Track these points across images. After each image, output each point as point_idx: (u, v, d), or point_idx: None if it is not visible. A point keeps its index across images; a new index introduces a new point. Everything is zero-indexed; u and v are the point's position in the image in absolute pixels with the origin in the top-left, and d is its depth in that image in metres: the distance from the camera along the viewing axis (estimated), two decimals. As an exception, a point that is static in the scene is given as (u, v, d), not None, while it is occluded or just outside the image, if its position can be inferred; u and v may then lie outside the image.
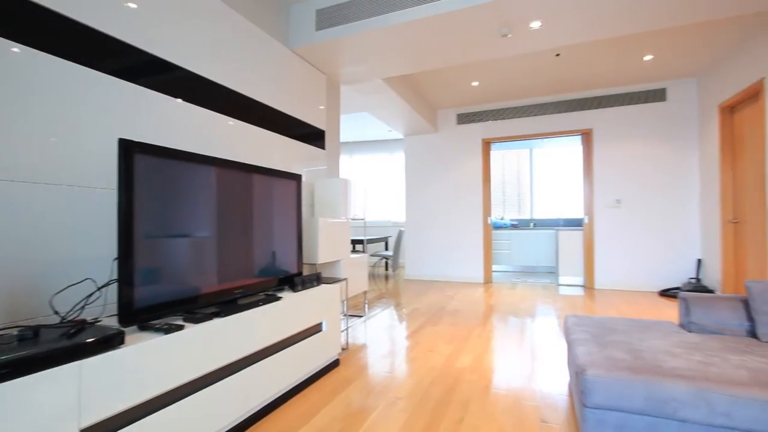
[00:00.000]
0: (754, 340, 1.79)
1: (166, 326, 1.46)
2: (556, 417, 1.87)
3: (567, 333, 2.02)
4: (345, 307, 3.19)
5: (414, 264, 6.33)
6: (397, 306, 4.37)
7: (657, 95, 4.99)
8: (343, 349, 2.90)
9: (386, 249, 7.53)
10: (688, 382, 1.34)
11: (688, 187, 4.89)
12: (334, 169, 3.74)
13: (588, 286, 5.35)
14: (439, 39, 3.05)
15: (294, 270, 2.37)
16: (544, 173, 7.52)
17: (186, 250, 1.65)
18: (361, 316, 3.90)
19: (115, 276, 1.63)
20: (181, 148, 2.04)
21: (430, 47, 3.19)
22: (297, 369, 2.13)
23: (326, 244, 2.87)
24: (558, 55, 4.15)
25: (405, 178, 6.40)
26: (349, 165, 8.54)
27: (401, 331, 3.39)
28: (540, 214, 7.53)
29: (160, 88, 1.94)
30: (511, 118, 5.73)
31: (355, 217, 3.48)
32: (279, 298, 2.05)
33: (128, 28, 1.80)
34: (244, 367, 1.76)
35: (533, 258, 7.02)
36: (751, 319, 1.87)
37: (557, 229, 5.67)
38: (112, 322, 1.49)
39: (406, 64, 3.53)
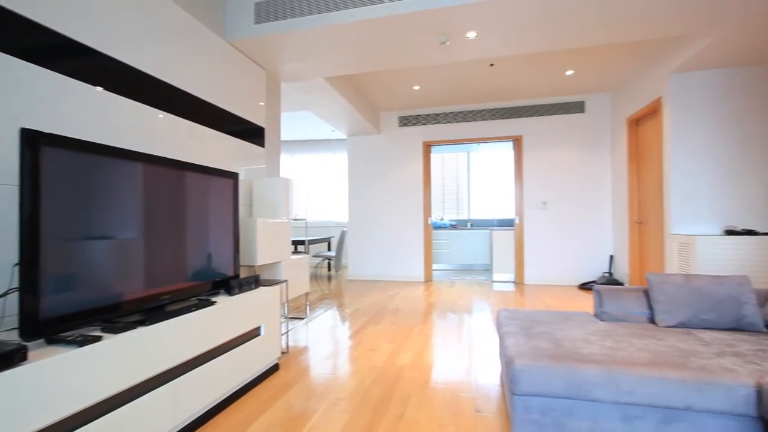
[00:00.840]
0: (653, 325, 2.05)
1: (80, 338, 1.32)
2: (489, 406, 1.99)
3: (499, 326, 2.15)
4: (285, 309, 3.11)
5: (357, 264, 6.34)
6: (340, 306, 4.35)
7: (577, 107, 5.50)
8: (283, 353, 2.82)
9: (329, 249, 7.46)
10: (600, 366, 1.50)
11: (602, 191, 5.44)
12: (274, 167, 3.64)
13: (519, 282, 5.74)
14: (380, 42, 3.10)
15: (230, 272, 2.27)
16: (480, 176, 7.93)
17: (106, 254, 1.51)
18: (302, 318, 3.83)
19: (16, 284, 1.44)
20: (101, 142, 1.86)
21: (371, 49, 3.23)
22: (233, 376, 2.04)
23: (266, 245, 2.78)
24: (492, 65, 4.40)
25: (348, 178, 6.40)
26: (290, 164, 8.34)
27: (344, 331, 3.38)
28: (476, 215, 7.92)
29: (76, 74, 1.75)
30: (451, 122, 5.97)
31: (297, 218, 3.41)
32: (212, 303, 1.95)
33: (35, 4, 1.60)
34: (173, 378, 1.65)
35: (470, 256, 7.37)
36: (650, 307, 2.13)
37: (492, 229, 6.02)
38: (13, 336, 1.31)
39: (347, 65, 3.54)
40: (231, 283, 2.18)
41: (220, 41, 2.81)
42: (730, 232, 3.41)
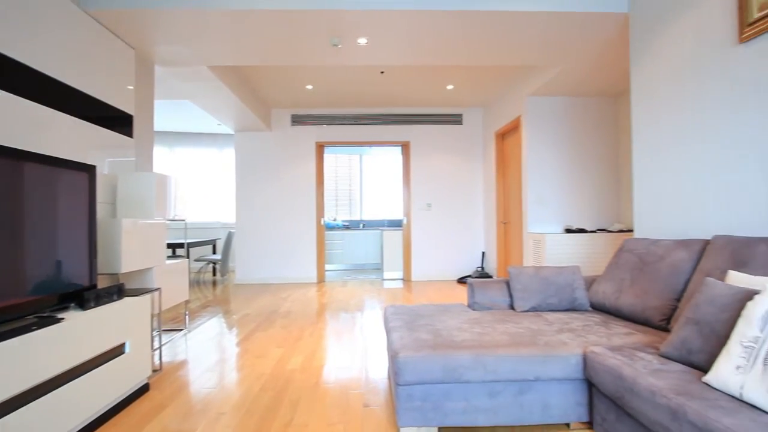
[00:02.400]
0: (513, 311, 2.39)
1: None
2: (377, 400, 2.08)
3: (386, 322, 2.27)
4: (158, 321, 2.78)
5: (245, 267, 5.98)
6: (226, 313, 4.05)
7: (456, 119, 6.10)
8: (155, 371, 2.52)
9: (214, 252, 6.88)
10: (470, 351, 1.70)
11: (475, 195, 6.13)
12: (146, 161, 3.22)
13: (407, 279, 6.10)
14: (270, 36, 2.99)
15: (85, 282, 1.94)
16: (372, 178, 8.20)
17: None
18: (181, 330, 3.46)
19: None
20: None
21: (260, 42, 3.10)
22: (88, 405, 1.74)
23: (133, 250, 2.44)
24: (383, 72, 4.60)
25: (235, 176, 5.99)
26: (168, 158, 7.45)
27: (230, 339, 3.17)
28: (369, 216, 8.18)
29: None
30: (344, 124, 6.05)
31: (176, 218, 3.08)
32: (59, 320, 1.64)
33: None
34: (2, 416, 1.34)
35: (363, 256, 7.57)
36: (511, 296, 2.48)
37: (382, 229, 6.29)
38: None
39: (234, 55, 3.33)
40: (85, 296, 1.86)
41: (72, 7, 2.37)
42: (568, 231, 4.16)
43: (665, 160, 2.46)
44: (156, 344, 2.85)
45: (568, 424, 1.79)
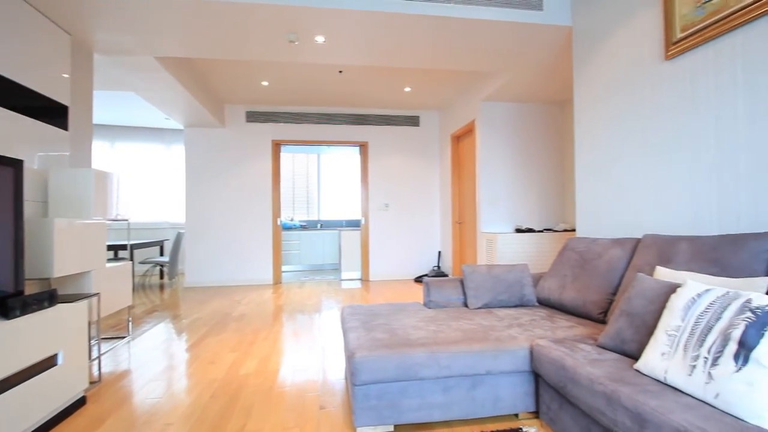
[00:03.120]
0: (466, 308, 2.47)
1: None
2: (333, 401, 2.07)
3: (343, 322, 2.26)
4: (97, 329, 2.58)
5: (196, 270, 5.71)
6: (174, 318, 3.85)
7: (414, 121, 6.20)
8: (93, 383, 2.34)
9: (161, 254, 6.50)
10: (425, 348, 1.73)
11: (432, 195, 6.27)
12: (83, 156, 2.99)
13: (365, 279, 6.11)
14: (223, 28, 2.88)
15: (9, 289, 1.76)
16: (330, 177, 8.13)
17: None
18: (124, 337, 3.24)
19: None
20: None
21: (210, 34, 2.98)
22: (13, 423, 1.58)
23: (68, 252, 2.25)
24: (341, 72, 4.58)
25: (185, 174, 5.70)
26: (109, 154, 6.93)
27: (178, 345, 3.01)
28: (326, 216, 8.10)
29: None
30: (301, 122, 5.95)
31: (118, 218, 2.88)
32: (-20, 331, 1.48)
33: None
34: None
35: (320, 257, 7.48)
36: (464, 293, 2.57)
37: (340, 230, 6.25)
38: None
39: (183, 47, 3.17)
40: (9, 303, 1.69)
41: (-4, -12, 2.15)
42: (518, 230, 4.37)
43: (603, 166, 2.65)
44: (94, 354, 2.65)
45: (516, 415, 1.88)
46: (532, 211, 4.72)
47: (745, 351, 1.10)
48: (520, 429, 1.73)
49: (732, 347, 1.12)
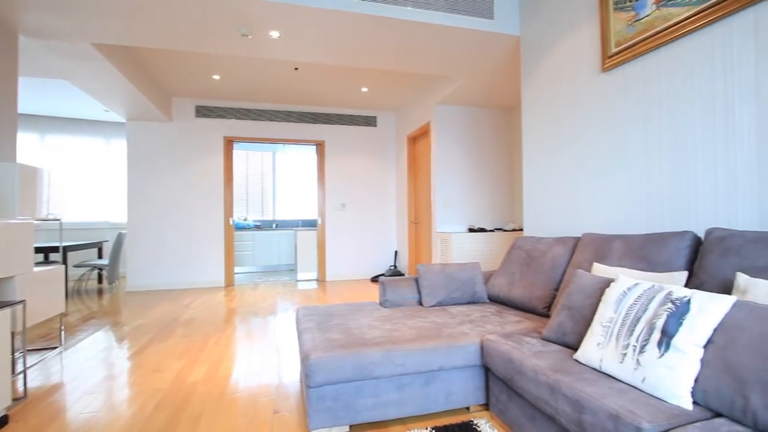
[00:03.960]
0: (421, 306, 2.52)
1: None
2: (287, 405, 2.03)
3: (298, 324, 2.22)
4: (22, 339, 2.35)
5: (140, 273, 5.36)
6: (115, 325, 3.59)
7: (371, 121, 6.22)
8: (17, 399, 2.13)
9: (100, 257, 6.03)
10: (380, 347, 1.75)
11: (389, 195, 6.33)
12: (6, 149, 2.71)
13: (321, 279, 6.05)
14: (168, 17, 2.73)
15: None
16: (286, 176, 7.95)
17: None
18: (55, 348, 2.97)
19: None
20: None
21: (156, 22, 2.81)
22: None
23: (-14, 257, 2.03)
24: (297, 69, 4.50)
25: (128, 170, 5.33)
26: (38, 147, 6.31)
27: (119, 354, 2.81)
28: (282, 215, 7.91)
29: None
30: (255, 119, 5.77)
31: (49, 217, 2.64)
32: None
33: None
34: None
35: (275, 257, 7.30)
36: (419, 292, 2.62)
37: (296, 229, 6.14)
38: None
39: (125, 34, 2.98)
40: None
41: None
42: (471, 230, 4.53)
43: (548, 169, 2.82)
44: (19, 367, 2.41)
45: (468, 408, 1.95)
46: (484, 211, 4.90)
47: (666, 338, 1.21)
48: (471, 421, 1.79)
49: (656, 335, 1.24)
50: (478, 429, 1.73)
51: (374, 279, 5.93)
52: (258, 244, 7.20)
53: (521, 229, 4.57)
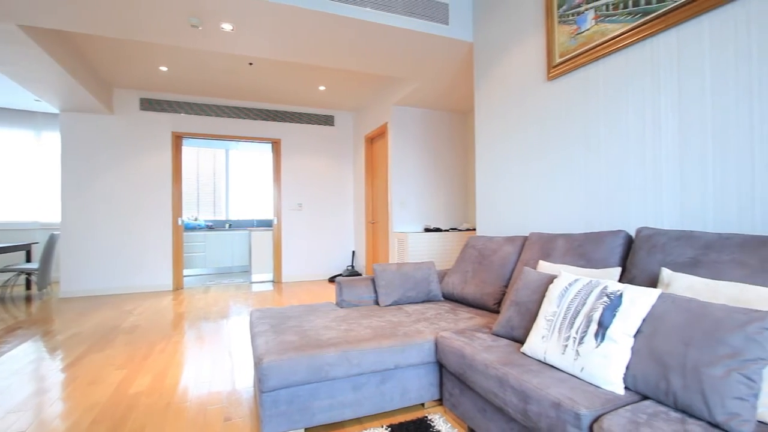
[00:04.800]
0: (377, 306, 2.54)
1: None
2: (240, 412, 1.96)
3: (251, 327, 2.16)
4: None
5: (75, 277, 4.94)
6: (46, 335, 3.28)
7: (328, 120, 6.16)
8: (-75, 421, 1.89)
9: (28, 260, 5.49)
10: (336, 348, 1.74)
11: (346, 195, 6.31)
12: None
13: (277, 281, 5.90)
14: (110, 2, 2.55)
15: None
16: (240, 174, 7.68)
17: None
18: (-30, 363, 2.67)
19: None
20: None
21: (95, 6, 2.62)
22: None
23: None
24: (251, 64, 4.36)
25: (61, 166, 4.89)
26: (-51, 138, 5.63)
27: (50, 366, 2.58)
28: (236, 215, 7.63)
29: None
30: (207, 115, 5.52)
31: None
32: None
33: None
34: None
35: (229, 259, 7.03)
36: (376, 291, 2.63)
37: (251, 230, 5.94)
38: None
39: (57, 17, 2.74)
40: None
41: None
42: (427, 230, 4.62)
43: (499, 172, 2.94)
44: (-73, 386, 2.15)
45: (423, 404, 1.99)
46: (439, 211, 5.02)
47: (602, 330, 1.31)
48: (426, 417, 1.83)
49: (593, 327, 1.34)
50: (432, 424, 1.77)
51: (332, 279, 5.88)
52: (210, 245, 6.90)
53: (474, 229, 4.72)
